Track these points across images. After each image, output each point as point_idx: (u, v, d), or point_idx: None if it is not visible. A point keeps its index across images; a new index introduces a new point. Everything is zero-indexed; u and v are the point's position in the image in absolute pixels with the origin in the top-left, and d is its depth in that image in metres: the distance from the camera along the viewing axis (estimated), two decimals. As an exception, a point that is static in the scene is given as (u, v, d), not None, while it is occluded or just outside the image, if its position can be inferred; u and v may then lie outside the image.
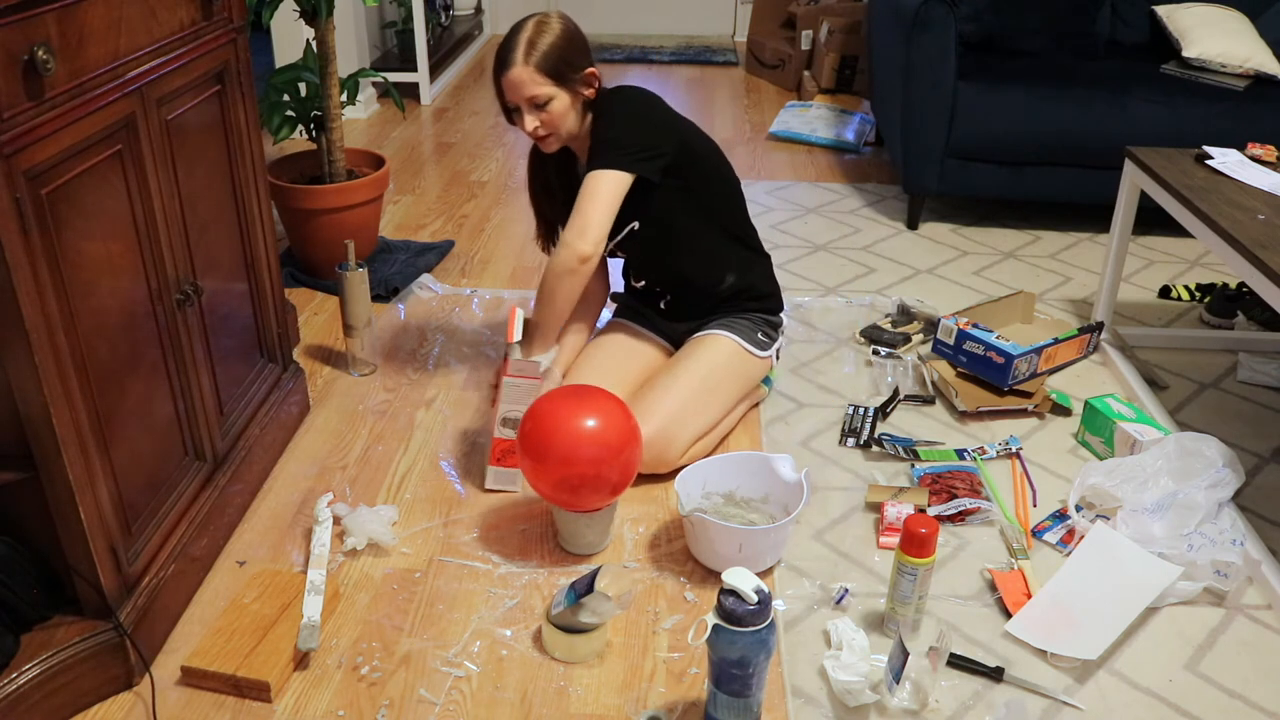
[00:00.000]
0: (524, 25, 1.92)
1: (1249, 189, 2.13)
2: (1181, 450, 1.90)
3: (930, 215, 3.35)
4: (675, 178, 1.98)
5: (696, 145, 2.04)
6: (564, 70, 1.91)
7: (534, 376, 1.94)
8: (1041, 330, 2.53)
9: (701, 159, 2.05)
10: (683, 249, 2.09)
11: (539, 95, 1.90)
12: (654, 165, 1.95)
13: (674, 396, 1.98)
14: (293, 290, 2.72)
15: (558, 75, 1.90)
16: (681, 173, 1.99)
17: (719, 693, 1.42)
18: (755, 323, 2.13)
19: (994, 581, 1.76)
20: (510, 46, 1.90)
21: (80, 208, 1.37)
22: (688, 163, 2.00)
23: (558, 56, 1.90)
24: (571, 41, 1.93)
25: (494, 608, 1.70)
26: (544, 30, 1.90)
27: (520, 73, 1.89)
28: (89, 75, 1.36)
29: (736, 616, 1.36)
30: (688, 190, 2.02)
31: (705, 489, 1.86)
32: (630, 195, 1.94)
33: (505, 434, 1.95)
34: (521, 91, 1.90)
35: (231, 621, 1.60)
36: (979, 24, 3.45)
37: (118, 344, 1.48)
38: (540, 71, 1.89)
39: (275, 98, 2.71)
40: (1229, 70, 3.22)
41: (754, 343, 2.11)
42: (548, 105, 1.91)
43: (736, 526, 1.72)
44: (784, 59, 4.93)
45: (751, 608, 1.36)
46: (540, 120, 1.93)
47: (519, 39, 1.90)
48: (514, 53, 1.89)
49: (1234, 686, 1.58)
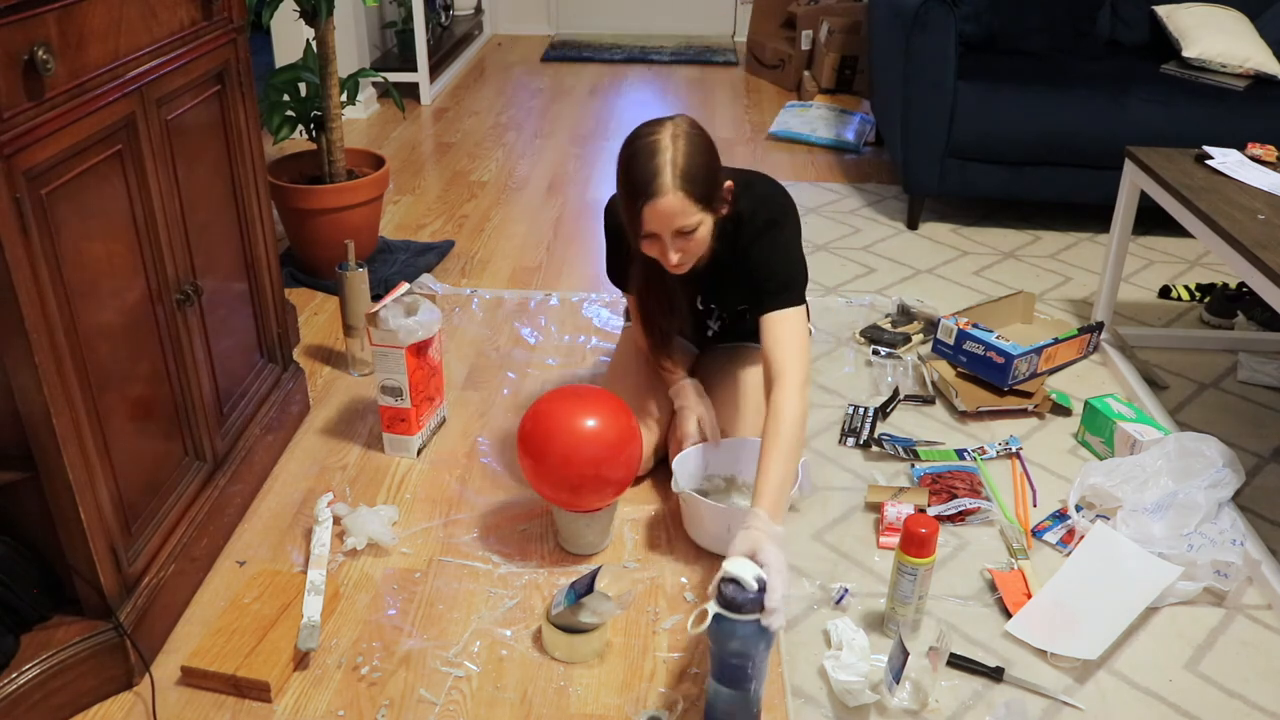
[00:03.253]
0: (658, 140, 1.62)
1: (1249, 189, 2.13)
2: (1181, 450, 1.90)
3: (930, 215, 3.35)
4: None
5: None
6: (712, 192, 1.66)
7: (398, 346, 1.97)
8: (1041, 330, 2.53)
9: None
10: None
11: (689, 225, 1.64)
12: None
13: (749, 412, 1.96)
14: (293, 290, 2.72)
15: (706, 200, 1.64)
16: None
17: (719, 687, 1.42)
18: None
19: (994, 581, 1.76)
20: (653, 169, 1.60)
21: (80, 208, 1.37)
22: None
23: (705, 175, 1.63)
24: (712, 153, 1.67)
25: (494, 608, 1.70)
26: (684, 144, 1.62)
27: (672, 201, 1.60)
28: (89, 75, 1.36)
29: (737, 604, 1.35)
30: None
31: (707, 471, 1.91)
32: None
33: (386, 401, 2.03)
34: (671, 223, 1.63)
35: (231, 621, 1.60)
36: (979, 24, 3.45)
37: (118, 344, 1.48)
38: (690, 197, 1.61)
39: (275, 98, 2.71)
40: (1229, 70, 3.22)
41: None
42: (694, 233, 1.65)
43: (724, 507, 1.74)
44: (784, 59, 4.93)
45: (751, 596, 1.35)
46: (682, 249, 1.67)
47: (661, 160, 1.60)
48: (660, 177, 1.59)
49: (1234, 686, 1.58)
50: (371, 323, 1.97)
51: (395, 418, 2.05)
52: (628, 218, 1.68)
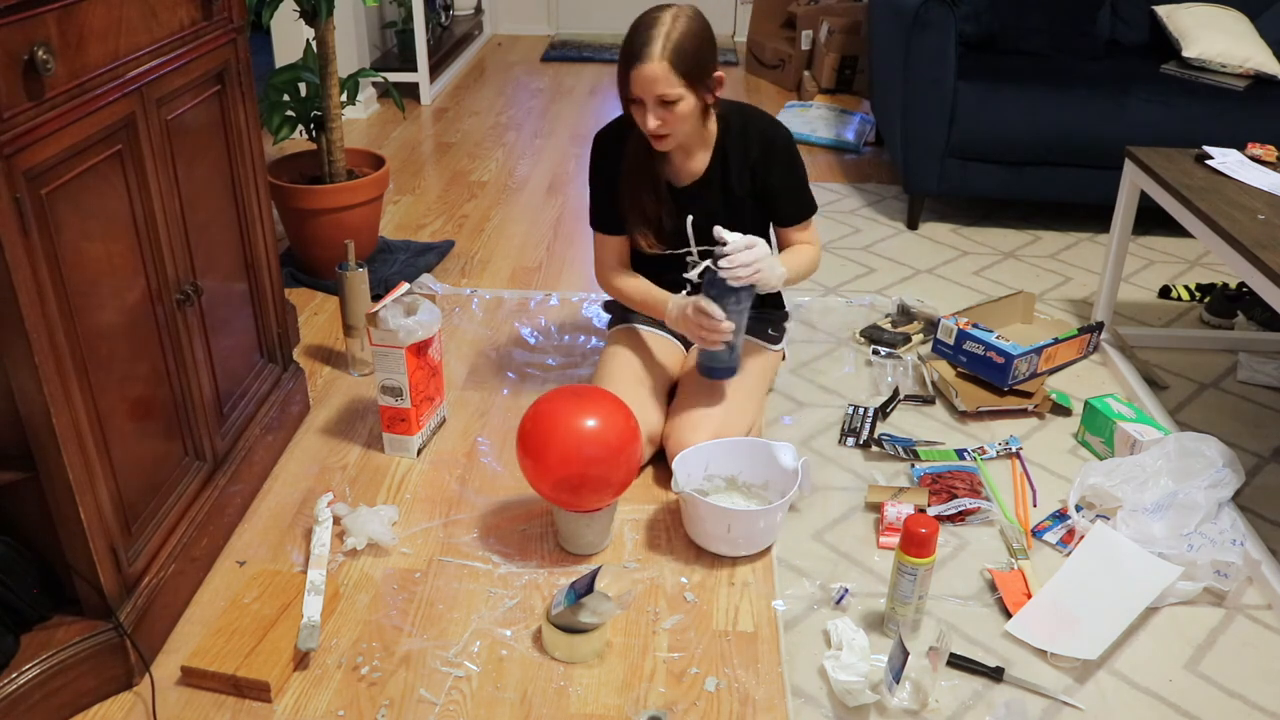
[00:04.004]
0: (659, 16, 1.81)
1: (1249, 189, 2.13)
2: (1181, 450, 1.90)
3: (930, 215, 3.35)
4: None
5: None
6: (698, 72, 1.81)
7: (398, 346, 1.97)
8: (1041, 330, 2.53)
9: None
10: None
11: (670, 94, 1.80)
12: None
13: (717, 404, 2.00)
14: (293, 290, 2.72)
15: (691, 76, 1.81)
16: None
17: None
18: (764, 319, 2.19)
19: (994, 581, 1.76)
20: (646, 38, 1.79)
21: (80, 208, 1.37)
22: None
23: (694, 56, 1.80)
24: (708, 40, 1.83)
25: (494, 608, 1.70)
26: (682, 25, 1.80)
27: (655, 68, 1.78)
28: (89, 75, 1.36)
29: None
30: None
31: (708, 471, 1.91)
32: (754, 207, 2.04)
33: (386, 401, 2.04)
34: (653, 88, 1.80)
35: (231, 621, 1.60)
36: (979, 24, 3.45)
37: (118, 344, 1.48)
38: (675, 70, 1.78)
39: (275, 98, 2.71)
40: (1229, 70, 3.22)
41: (767, 338, 2.18)
42: (675, 105, 1.82)
43: (726, 507, 1.75)
44: (784, 59, 4.93)
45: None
46: (662, 119, 1.84)
47: (656, 31, 1.78)
48: (651, 45, 1.78)
49: (1234, 686, 1.58)
50: (371, 323, 1.98)
51: (395, 418, 2.05)
52: (619, 82, 1.86)
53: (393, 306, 2.00)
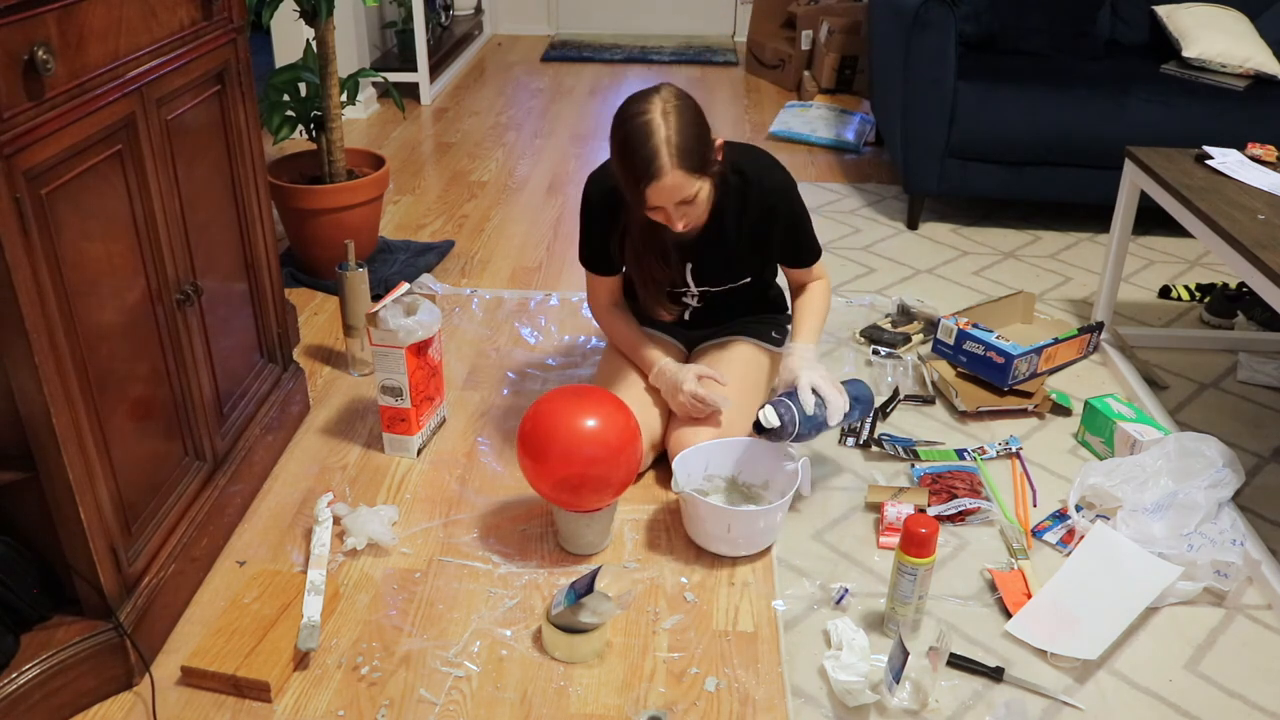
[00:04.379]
0: (650, 120, 1.68)
1: (1249, 189, 2.13)
2: (1181, 450, 1.90)
3: (930, 215, 3.35)
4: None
5: None
6: (705, 159, 1.74)
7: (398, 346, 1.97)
8: (1041, 330, 2.53)
9: None
10: (760, 288, 2.15)
11: (690, 195, 1.73)
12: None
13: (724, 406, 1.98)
14: (293, 290, 2.72)
15: (702, 166, 1.73)
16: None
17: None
18: (766, 322, 2.18)
19: (994, 581, 1.76)
20: (650, 151, 1.67)
21: (80, 208, 1.37)
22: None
23: (698, 146, 1.71)
24: (701, 119, 1.74)
25: (494, 608, 1.70)
26: (675, 119, 1.69)
27: (670, 180, 1.69)
28: (89, 75, 1.36)
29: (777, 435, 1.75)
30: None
31: (708, 471, 1.91)
32: (754, 255, 2.00)
33: (386, 401, 2.03)
34: (674, 197, 1.72)
35: (231, 621, 1.60)
36: (979, 24, 3.45)
37: (118, 344, 1.48)
38: (689, 171, 1.70)
39: (275, 98, 2.71)
40: (1229, 70, 3.22)
41: (770, 341, 2.17)
42: (695, 197, 1.75)
43: (726, 507, 1.75)
44: (784, 59, 4.93)
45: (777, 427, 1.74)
46: (687, 216, 1.77)
47: (656, 139, 1.67)
48: (658, 158, 1.67)
49: (1234, 686, 1.58)
50: (371, 323, 1.98)
51: (395, 418, 2.05)
52: (631, 196, 1.76)
53: (393, 306, 2.00)
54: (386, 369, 2.00)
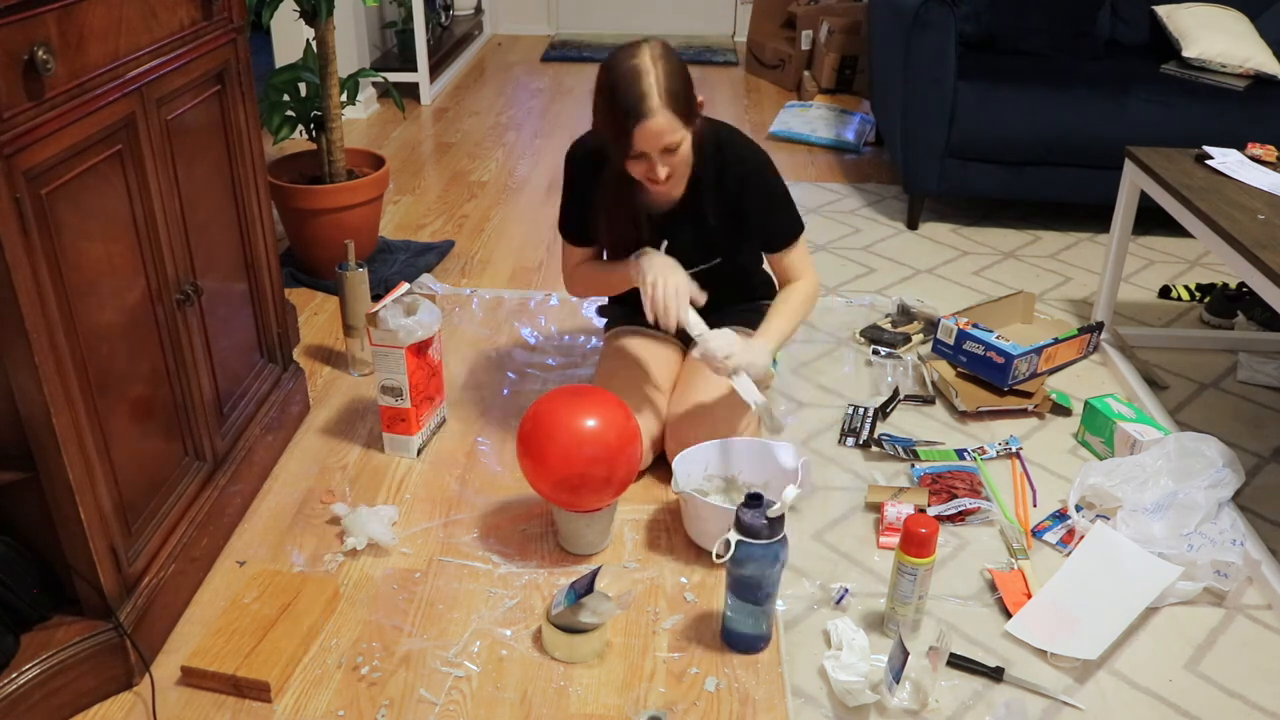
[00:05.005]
0: (640, 64, 1.70)
1: (1249, 189, 2.13)
2: (1181, 450, 1.90)
3: (930, 215, 3.35)
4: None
5: None
6: (690, 108, 1.75)
7: (398, 346, 1.97)
8: (1041, 330, 2.53)
9: None
10: (740, 277, 2.15)
11: (675, 141, 1.73)
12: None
13: (718, 399, 1.99)
14: (293, 290, 2.72)
15: (687, 115, 1.74)
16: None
17: (736, 602, 1.58)
18: (757, 310, 2.16)
19: (994, 581, 1.76)
20: (639, 91, 1.68)
21: (80, 208, 1.37)
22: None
23: (685, 93, 1.72)
24: (687, 72, 1.75)
25: (494, 608, 1.70)
26: (664, 65, 1.71)
27: (660, 120, 1.69)
28: (89, 75, 1.36)
29: (754, 531, 1.52)
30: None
31: (707, 471, 1.91)
32: (728, 234, 1.98)
33: (386, 401, 2.04)
34: (660, 140, 1.72)
35: (231, 621, 1.60)
36: (979, 24, 3.45)
37: (118, 344, 1.48)
38: (676, 115, 1.71)
39: (275, 98, 2.71)
40: (1229, 70, 3.22)
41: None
42: (678, 148, 1.75)
43: (725, 507, 1.75)
44: (784, 59, 4.93)
45: (765, 523, 1.52)
46: (671, 165, 1.76)
47: (646, 81, 1.68)
48: (648, 98, 1.68)
49: (1234, 686, 1.58)
50: (371, 323, 1.98)
51: (395, 418, 2.05)
52: (615, 139, 1.75)
53: (393, 306, 2.00)
54: (386, 369, 2.00)
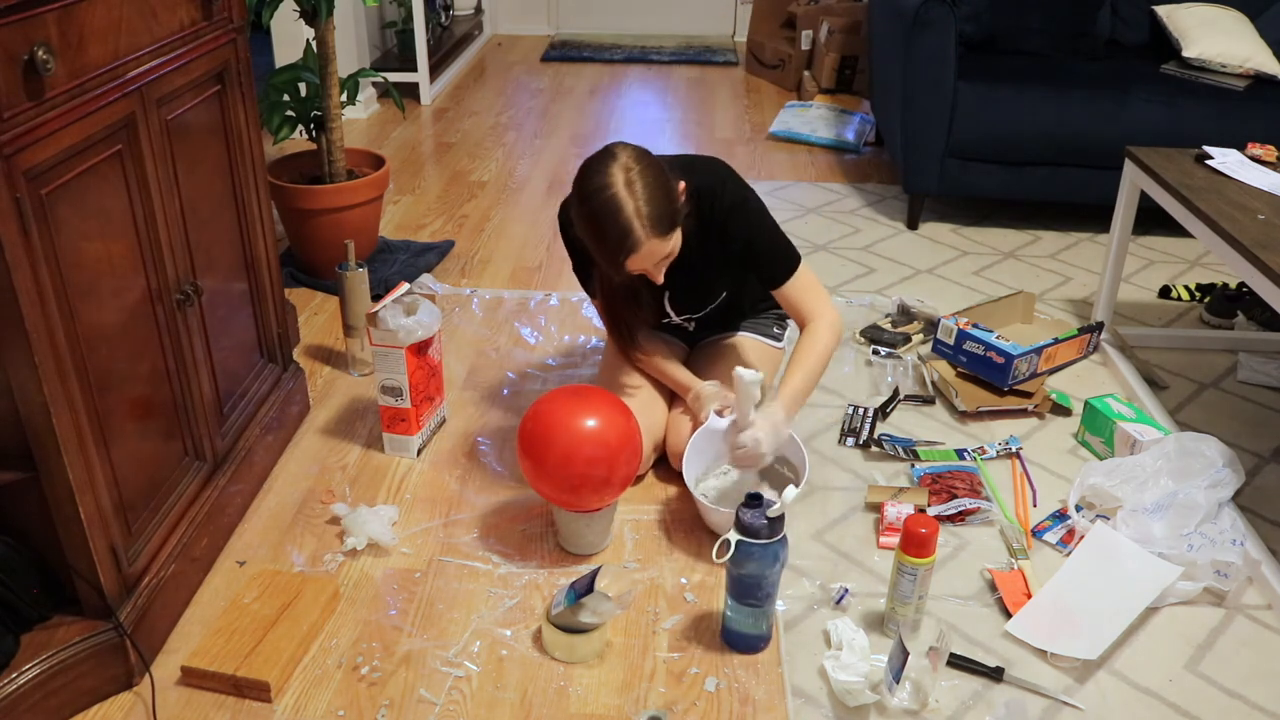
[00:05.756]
0: (616, 194, 1.64)
1: (1249, 189, 2.13)
2: (1181, 450, 1.90)
3: (930, 215, 3.35)
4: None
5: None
6: (675, 214, 1.71)
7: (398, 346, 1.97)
8: (1041, 330, 2.53)
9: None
10: (745, 303, 2.15)
11: (666, 253, 1.72)
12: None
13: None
14: (293, 290, 2.72)
15: (672, 225, 1.70)
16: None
17: (736, 603, 1.58)
18: (769, 319, 2.20)
19: (994, 581, 1.76)
20: (622, 226, 1.64)
21: (80, 208, 1.37)
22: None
23: (666, 207, 1.68)
24: (664, 178, 1.70)
25: (494, 608, 1.70)
26: (640, 187, 1.65)
27: (646, 250, 1.68)
28: (89, 75, 1.36)
29: (754, 530, 1.52)
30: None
31: (720, 462, 1.95)
32: (726, 274, 1.97)
33: (386, 401, 2.03)
34: (653, 260, 1.72)
35: (231, 621, 1.60)
36: (979, 24, 3.45)
37: (117, 344, 1.48)
38: (661, 234, 1.68)
39: (275, 98, 2.71)
40: (1229, 70, 3.22)
41: (771, 336, 2.19)
42: (672, 251, 1.74)
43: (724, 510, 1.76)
44: (784, 59, 4.93)
45: (765, 523, 1.52)
46: (666, 264, 1.77)
47: (628, 213, 1.64)
48: (632, 233, 1.65)
49: (1234, 686, 1.58)
50: (371, 323, 1.98)
51: (395, 418, 2.05)
52: (608, 268, 1.74)
53: (393, 306, 2.00)
54: (386, 369, 2.00)
